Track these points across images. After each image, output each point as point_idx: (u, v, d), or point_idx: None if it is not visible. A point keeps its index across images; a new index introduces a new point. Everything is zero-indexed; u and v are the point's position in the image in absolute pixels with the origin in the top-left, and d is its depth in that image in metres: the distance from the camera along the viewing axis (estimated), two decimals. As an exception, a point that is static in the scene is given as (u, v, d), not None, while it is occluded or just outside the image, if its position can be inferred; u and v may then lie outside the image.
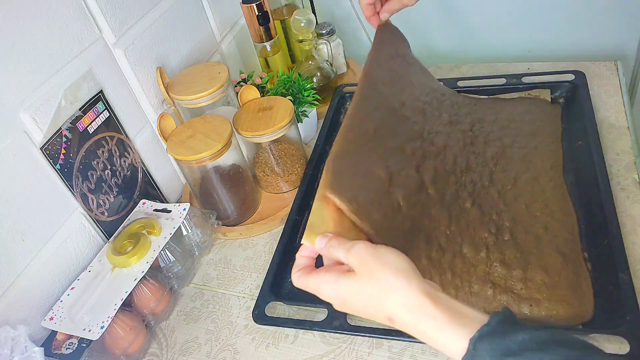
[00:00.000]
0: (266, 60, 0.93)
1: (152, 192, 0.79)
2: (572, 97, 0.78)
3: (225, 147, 0.68)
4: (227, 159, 0.74)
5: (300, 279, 0.46)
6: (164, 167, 0.81)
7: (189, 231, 0.72)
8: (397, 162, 0.62)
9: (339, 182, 0.54)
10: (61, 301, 0.62)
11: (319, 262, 0.48)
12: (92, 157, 0.67)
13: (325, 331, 0.60)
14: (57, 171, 0.62)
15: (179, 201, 0.85)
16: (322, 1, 1.07)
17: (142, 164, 0.76)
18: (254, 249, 0.74)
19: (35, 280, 0.61)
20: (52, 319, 0.60)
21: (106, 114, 0.69)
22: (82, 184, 0.66)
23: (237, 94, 0.78)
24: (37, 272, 0.61)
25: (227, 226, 0.76)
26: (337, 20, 1.09)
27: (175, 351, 0.64)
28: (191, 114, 0.77)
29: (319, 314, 0.62)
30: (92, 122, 0.66)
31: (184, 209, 0.71)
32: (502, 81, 0.83)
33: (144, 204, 0.74)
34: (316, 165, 0.79)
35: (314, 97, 0.83)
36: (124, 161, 0.72)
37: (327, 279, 0.44)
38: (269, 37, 0.89)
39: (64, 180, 0.63)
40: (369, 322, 0.58)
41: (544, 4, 0.95)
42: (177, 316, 0.68)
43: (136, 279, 0.62)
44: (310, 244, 0.47)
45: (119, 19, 0.68)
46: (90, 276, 0.64)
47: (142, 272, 0.63)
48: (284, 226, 0.72)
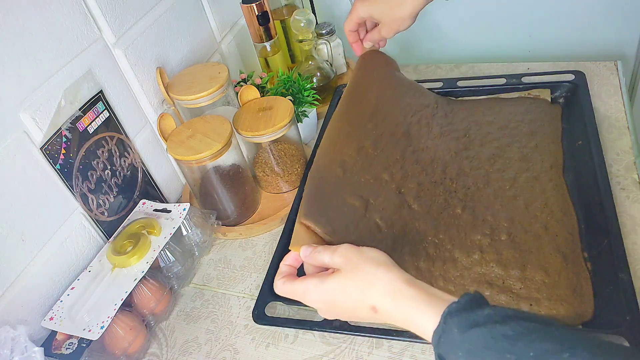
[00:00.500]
0: (266, 60, 0.93)
1: (152, 192, 0.79)
2: (572, 97, 0.78)
3: (225, 147, 0.68)
4: (227, 159, 0.74)
5: (284, 285, 0.49)
6: (163, 167, 0.81)
7: (189, 231, 0.72)
8: (373, 191, 0.67)
9: (314, 209, 0.60)
10: (61, 301, 0.62)
11: (301, 273, 0.51)
12: (92, 157, 0.67)
13: (325, 331, 0.60)
14: (57, 171, 0.62)
15: (178, 201, 0.85)
16: (322, 1, 1.07)
17: (142, 164, 0.76)
18: (253, 249, 0.74)
19: (35, 280, 0.61)
20: (52, 319, 0.60)
21: (106, 114, 0.69)
22: (82, 184, 0.66)
23: (237, 94, 0.78)
24: (37, 272, 0.61)
25: (227, 226, 0.76)
26: (337, 20, 1.09)
27: (175, 351, 0.64)
28: (191, 114, 0.77)
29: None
30: (92, 122, 0.66)
31: (184, 209, 0.71)
32: (502, 81, 0.83)
33: (143, 204, 0.74)
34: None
35: (313, 97, 0.83)
36: (124, 161, 0.72)
37: (314, 282, 0.47)
38: (269, 37, 0.89)
39: (63, 180, 0.63)
40: (369, 322, 0.58)
41: (543, 4, 0.95)
42: (177, 316, 0.68)
43: (136, 279, 0.62)
44: (295, 251, 0.52)
45: (118, 19, 0.68)
46: (90, 276, 0.64)
47: (142, 272, 0.63)
48: (284, 226, 0.72)
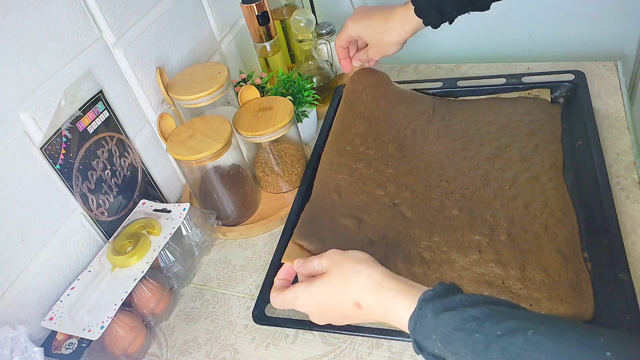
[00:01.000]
0: (266, 60, 0.93)
1: (152, 192, 0.79)
2: (572, 97, 0.78)
3: (225, 147, 0.68)
4: (227, 159, 0.74)
5: (277, 297, 0.52)
6: (163, 167, 0.81)
7: (189, 231, 0.72)
8: (366, 209, 0.69)
9: (307, 230, 0.65)
10: (61, 301, 0.62)
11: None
12: (92, 157, 0.67)
13: (324, 331, 0.60)
14: (56, 171, 0.62)
15: (178, 201, 0.85)
16: (322, 1, 1.07)
17: (142, 164, 0.76)
18: (253, 249, 0.74)
19: (35, 280, 0.61)
20: (52, 319, 0.60)
21: (106, 114, 0.69)
22: (82, 184, 0.66)
23: (237, 94, 0.78)
24: (37, 272, 0.61)
25: (227, 226, 0.76)
26: (337, 20, 1.09)
27: (175, 351, 0.64)
28: (191, 114, 0.77)
29: None
30: (91, 122, 0.66)
31: (184, 209, 0.71)
32: (502, 81, 0.83)
33: (143, 204, 0.74)
34: (316, 165, 0.79)
35: (313, 97, 0.83)
36: (124, 161, 0.72)
37: (303, 286, 0.50)
38: (269, 37, 0.89)
39: (63, 180, 0.63)
40: (368, 322, 0.58)
41: (543, 4, 0.95)
42: (177, 316, 0.68)
43: (136, 279, 0.62)
44: (289, 263, 0.56)
45: (118, 19, 0.68)
46: (90, 276, 0.64)
47: (142, 272, 0.63)
48: (284, 226, 0.72)
